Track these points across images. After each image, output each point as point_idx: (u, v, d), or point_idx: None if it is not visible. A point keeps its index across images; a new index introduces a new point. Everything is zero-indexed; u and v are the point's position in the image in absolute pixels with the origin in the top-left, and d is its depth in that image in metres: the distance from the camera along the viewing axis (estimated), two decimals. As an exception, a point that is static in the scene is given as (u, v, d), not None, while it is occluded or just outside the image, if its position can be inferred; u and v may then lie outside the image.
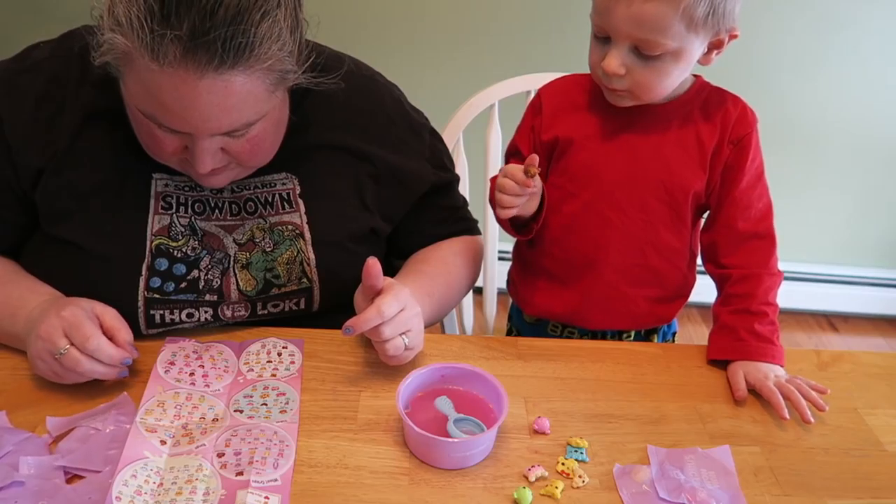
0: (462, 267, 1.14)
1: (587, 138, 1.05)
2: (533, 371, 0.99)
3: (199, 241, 0.97)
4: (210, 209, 0.98)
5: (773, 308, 1.03)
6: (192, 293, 0.97)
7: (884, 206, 2.41)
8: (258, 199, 1.00)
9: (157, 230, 0.95)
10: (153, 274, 0.94)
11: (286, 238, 1.00)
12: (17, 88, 0.93)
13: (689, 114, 1.02)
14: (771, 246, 1.05)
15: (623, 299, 1.10)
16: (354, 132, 1.04)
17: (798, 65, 2.18)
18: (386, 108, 1.07)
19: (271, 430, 0.84)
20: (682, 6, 0.88)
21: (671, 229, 1.07)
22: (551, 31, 2.11)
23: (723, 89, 1.04)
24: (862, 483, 0.85)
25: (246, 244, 0.99)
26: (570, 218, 1.07)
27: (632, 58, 0.93)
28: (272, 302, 1.01)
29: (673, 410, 0.94)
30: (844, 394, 1.00)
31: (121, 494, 0.73)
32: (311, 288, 1.02)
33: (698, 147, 1.02)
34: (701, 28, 0.91)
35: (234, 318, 1.00)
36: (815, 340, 2.45)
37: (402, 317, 0.89)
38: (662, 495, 0.80)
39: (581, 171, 1.05)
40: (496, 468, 0.83)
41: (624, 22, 0.90)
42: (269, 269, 0.99)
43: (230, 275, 0.98)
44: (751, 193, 1.04)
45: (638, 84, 0.95)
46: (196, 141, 0.85)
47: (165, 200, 0.96)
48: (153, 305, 0.95)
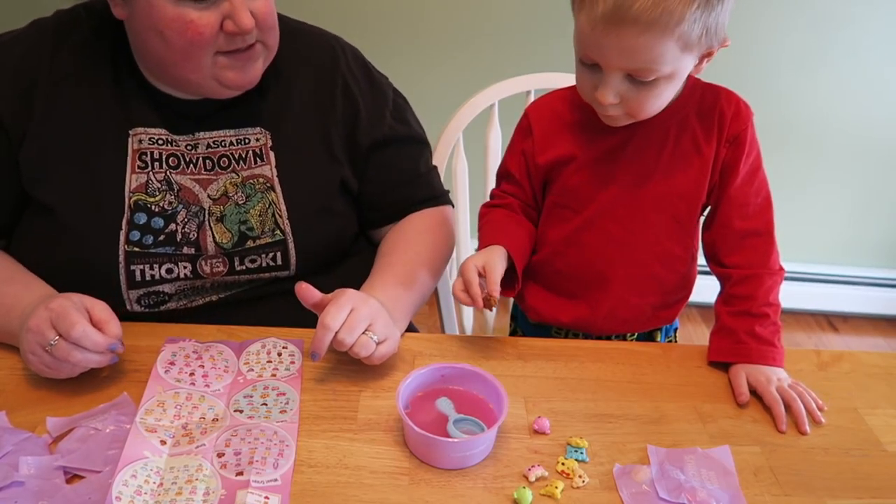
0: (431, 243, 1.14)
1: (585, 157, 1.03)
2: (533, 371, 0.99)
3: (174, 196, 1.00)
4: (185, 163, 1.02)
5: (775, 308, 1.03)
6: (170, 246, 1.00)
7: (884, 205, 2.41)
8: (232, 155, 1.04)
9: (134, 187, 0.99)
10: (132, 227, 0.98)
11: (258, 191, 1.03)
12: None
13: (685, 119, 1.01)
14: (770, 242, 1.04)
15: (629, 308, 1.09)
16: (321, 86, 1.08)
17: (798, 64, 2.18)
18: (349, 62, 1.12)
19: (271, 430, 0.84)
20: (676, 33, 0.86)
21: (675, 239, 1.06)
22: (551, 31, 2.11)
23: (715, 86, 1.03)
24: (862, 483, 0.85)
25: (219, 198, 1.02)
26: (572, 234, 1.06)
27: (626, 85, 0.91)
28: (249, 256, 1.03)
29: (673, 410, 0.94)
30: (844, 394, 0.99)
31: (121, 494, 0.73)
32: (284, 241, 1.04)
33: (697, 155, 1.02)
34: (695, 47, 0.89)
35: (213, 274, 1.02)
36: (815, 340, 2.45)
37: (354, 318, 0.90)
38: (662, 495, 0.80)
39: (581, 190, 1.05)
40: (496, 468, 0.83)
41: (617, 55, 0.88)
42: (243, 221, 1.03)
43: (206, 228, 1.01)
44: (747, 189, 1.03)
45: (633, 108, 0.93)
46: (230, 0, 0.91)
47: (141, 159, 1.00)
48: (133, 260, 0.98)
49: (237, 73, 0.97)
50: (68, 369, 0.85)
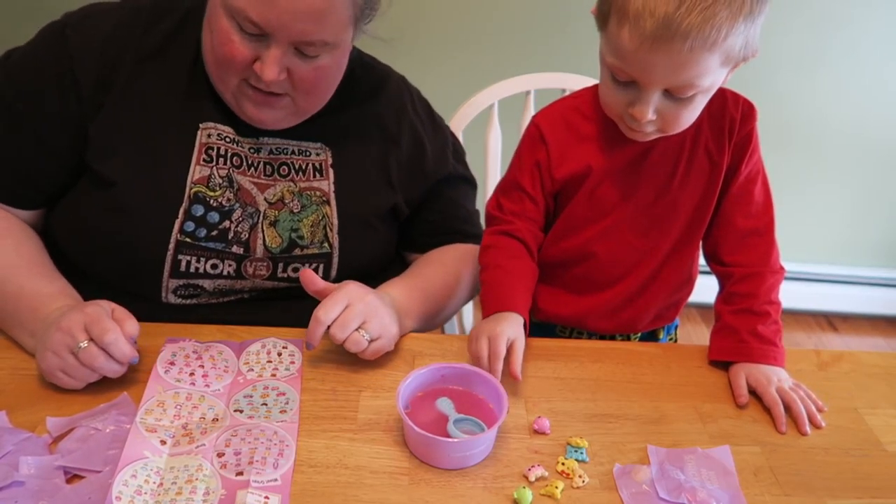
0: (463, 271, 1.15)
1: (603, 170, 1.02)
2: (533, 371, 0.99)
3: (234, 194, 1.02)
4: (247, 165, 1.03)
5: (776, 307, 1.03)
6: (221, 242, 1.01)
7: (884, 205, 2.41)
8: (292, 164, 1.06)
9: (196, 179, 1.00)
10: (188, 218, 0.99)
11: (313, 202, 1.05)
12: (86, 28, 0.98)
13: (698, 127, 1.00)
14: (771, 241, 1.05)
15: (633, 309, 1.10)
16: (388, 119, 1.11)
17: (797, 65, 2.18)
18: (415, 103, 1.16)
19: (271, 430, 0.84)
20: (723, 48, 0.84)
21: (688, 244, 1.07)
22: (551, 31, 2.11)
23: (721, 88, 1.03)
24: (862, 483, 0.85)
25: (275, 203, 1.04)
26: (586, 243, 1.06)
27: (663, 100, 0.90)
28: (293, 264, 1.04)
29: (673, 410, 0.94)
30: (844, 394, 1.00)
31: (121, 494, 0.73)
32: (330, 254, 1.05)
33: (711, 163, 1.02)
34: (733, 60, 0.88)
35: (255, 275, 1.04)
36: (815, 340, 2.45)
37: (347, 314, 0.91)
38: (662, 495, 0.80)
39: (600, 202, 1.04)
40: (496, 468, 0.83)
41: (662, 72, 0.86)
42: (295, 229, 1.04)
43: (258, 230, 1.03)
44: (751, 188, 1.04)
45: (668, 123, 0.92)
46: (271, 45, 0.91)
47: (207, 153, 1.01)
48: (182, 250, 0.99)
49: (255, 109, 0.98)
50: (84, 375, 0.85)
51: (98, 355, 0.83)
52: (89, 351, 0.83)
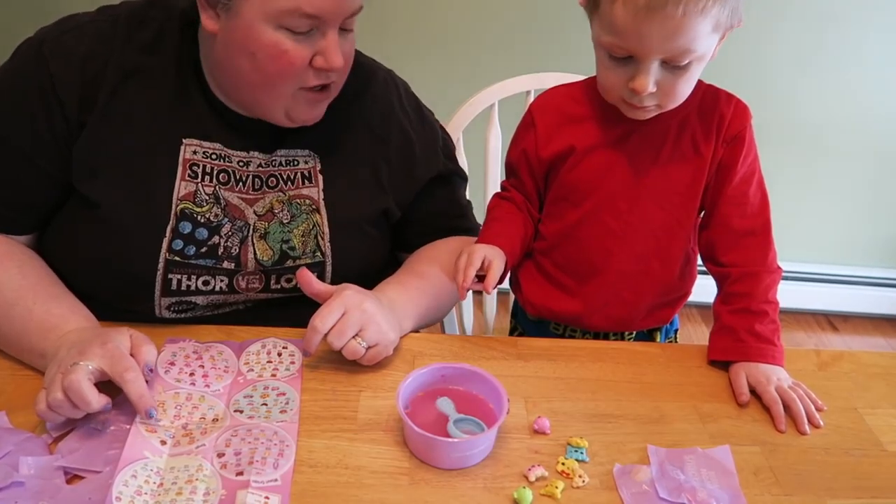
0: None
1: (586, 151, 1.04)
2: (533, 371, 0.99)
3: (221, 209, 1.00)
4: (234, 181, 1.02)
5: (774, 306, 1.03)
6: (211, 258, 1.00)
7: (884, 205, 2.41)
8: (280, 175, 1.04)
9: (182, 195, 0.98)
10: (176, 236, 0.98)
11: (303, 211, 1.04)
12: (64, 47, 0.96)
13: (686, 118, 1.02)
14: (768, 242, 1.05)
15: (624, 305, 1.10)
16: (375, 119, 1.10)
17: (798, 64, 2.18)
18: (402, 99, 1.14)
19: (271, 430, 0.84)
20: (713, 12, 0.88)
21: (672, 236, 1.07)
22: (551, 31, 2.11)
23: (715, 88, 1.04)
24: (862, 483, 0.85)
25: (265, 214, 1.03)
26: (571, 227, 1.07)
27: (661, 72, 0.92)
28: (286, 276, 1.04)
29: (673, 410, 0.94)
30: (844, 394, 1.00)
31: (121, 495, 0.73)
32: (323, 262, 1.05)
33: (696, 154, 1.02)
34: (721, 27, 0.91)
35: (248, 289, 1.03)
36: (815, 340, 2.45)
37: (344, 322, 0.91)
38: (662, 495, 0.80)
39: (582, 184, 1.05)
40: (496, 468, 0.83)
41: (658, 40, 0.88)
42: (286, 240, 1.03)
43: (248, 243, 1.01)
44: (746, 189, 1.04)
45: (667, 95, 0.94)
46: (326, 32, 0.92)
47: (192, 169, 0.99)
48: (172, 268, 0.98)
49: (309, 109, 0.99)
50: (71, 402, 0.79)
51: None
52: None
